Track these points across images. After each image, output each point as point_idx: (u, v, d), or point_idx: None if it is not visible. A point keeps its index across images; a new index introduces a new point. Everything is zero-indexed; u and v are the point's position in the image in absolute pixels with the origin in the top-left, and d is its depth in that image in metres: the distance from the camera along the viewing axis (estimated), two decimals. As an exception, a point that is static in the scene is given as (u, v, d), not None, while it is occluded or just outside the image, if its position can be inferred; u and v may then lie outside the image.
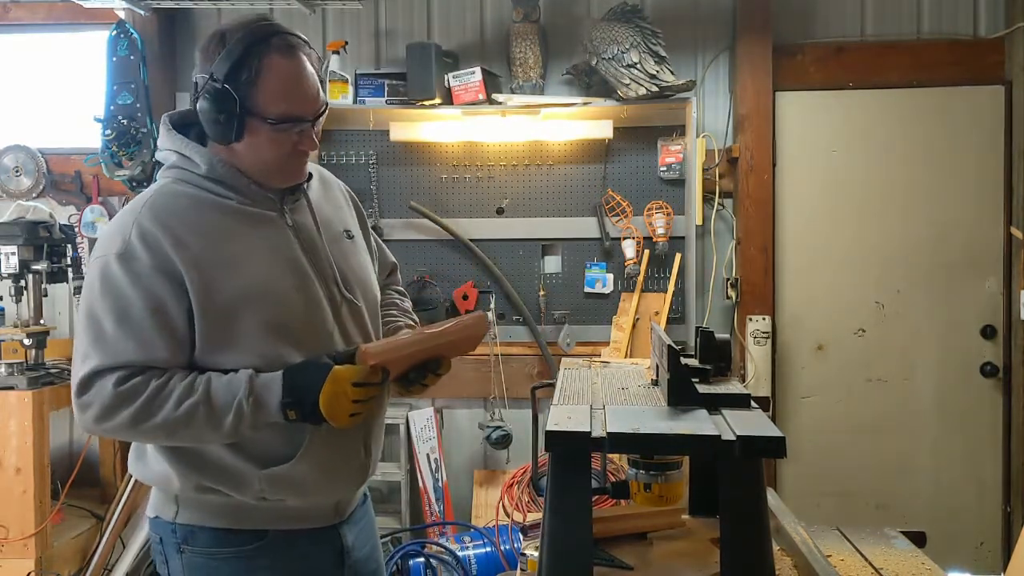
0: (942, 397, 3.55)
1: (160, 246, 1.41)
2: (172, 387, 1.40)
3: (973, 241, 3.52)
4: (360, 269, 1.64)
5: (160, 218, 1.43)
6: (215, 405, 1.40)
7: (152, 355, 1.41)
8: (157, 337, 1.41)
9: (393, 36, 3.68)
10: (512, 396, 3.56)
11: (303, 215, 1.57)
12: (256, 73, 1.43)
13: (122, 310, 1.40)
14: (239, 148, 1.47)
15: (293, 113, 1.46)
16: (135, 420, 1.39)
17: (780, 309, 3.59)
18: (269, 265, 1.48)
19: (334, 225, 1.63)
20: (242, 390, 1.40)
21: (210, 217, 1.47)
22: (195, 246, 1.42)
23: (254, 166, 1.49)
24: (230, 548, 1.49)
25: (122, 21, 3.56)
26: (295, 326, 1.48)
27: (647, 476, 1.40)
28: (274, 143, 1.47)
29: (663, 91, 3.24)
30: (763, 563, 1.21)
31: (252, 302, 1.44)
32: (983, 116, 3.49)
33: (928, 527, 1.98)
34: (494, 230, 3.63)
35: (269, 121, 1.44)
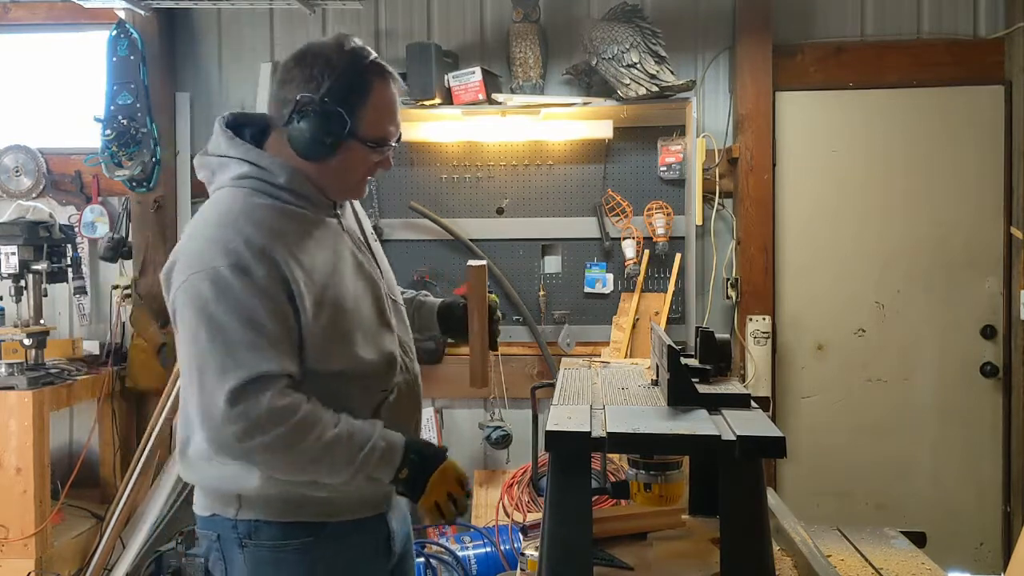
0: (942, 397, 3.55)
1: (272, 257, 1.43)
2: (319, 414, 1.45)
3: (973, 241, 3.52)
4: (388, 267, 1.71)
5: (263, 230, 1.45)
6: (354, 440, 1.46)
7: (285, 365, 1.43)
8: (288, 346, 1.44)
9: (393, 36, 3.68)
10: (512, 396, 3.56)
11: (349, 220, 1.65)
12: (366, 98, 1.50)
13: (251, 320, 1.40)
14: (323, 165, 1.53)
15: (388, 136, 1.55)
16: (283, 443, 1.40)
17: (780, 309, 3.59)
18: (348, 271, 1.55)
19: (366, 227, 1.71)
20: (376, 434, 1.48)
21: (299, 228, 1.51)
22: (298, 256, 1.46)
23: (331, 183, 1.56)
24: (293, 540, 1.52)
25: (122, 21, 3.56)
26: (371, 328, 1.56)
27: (647, 476, 1.40)
28: (364, 164, 1.55)
29: (663, 91, 3.24)
30: (763, 563, 1.21)
31: (351, 310, 1.52)
32: (983, 116, 3.49)
33: (928, 527, 1.98)
34: (494, 230, 3.63)
35: (369, 144, 1.52)
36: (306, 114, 1.46)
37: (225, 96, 3.75)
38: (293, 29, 3.71)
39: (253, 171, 1.51)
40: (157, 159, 3.55)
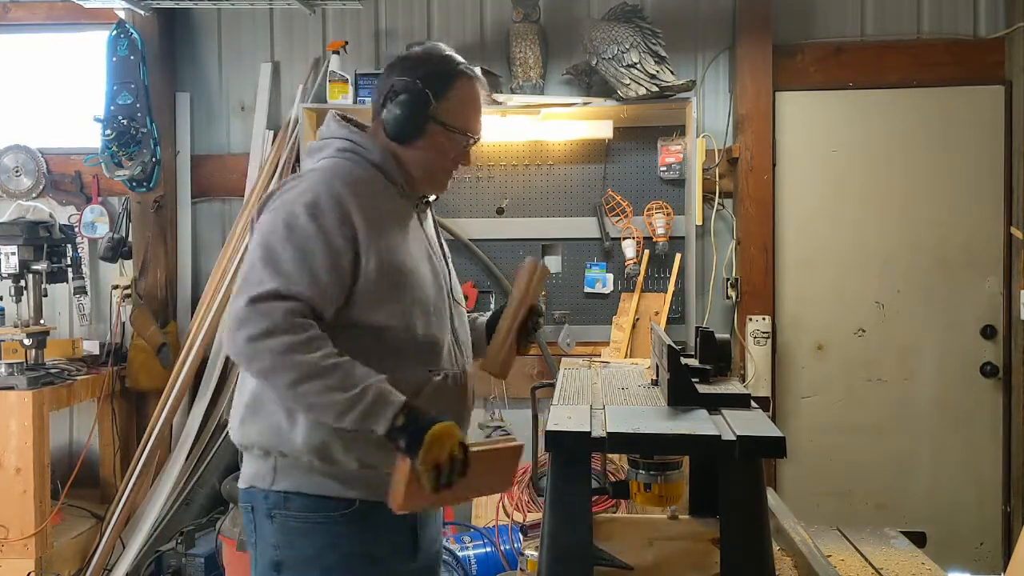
0: (942, 397, 3.55)
1: (345, 207, 1.54)
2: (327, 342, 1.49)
3: (973, 241, 3.52)
4: (456, 282, 1.80)
5: (348, 184, 1.58)
6: (356, 373, 1.47)
7: (323, 300, 1.51)
8: (330, 285, 1.52)
9: (393, 36, 3.68)
10: (512, 396, 3.56)
11: (428, 223, 1.77)
12: (450, 87, 1.65)
13: (304, 252, 1.51)
14: (410, 149, 1.66)
15: (467, 128, 1.69)
16: (290, 349, 1.45)
17: (780, 309, 3.59)
18: (415, 251, 1.65)
19: (440, 239, 1.82)
20: (379, 378, 1.49)
21: (383, 195, 1.64)
22: (373, 214, 1.58)
23: (416, 167, 1.68)
24: (322, 513, 1.57)
25: (122, 21, 3.56)
26: (427, 305, 1.63)
27: (647, 476, 1.41)
28: (443, 151, 1.68)
29: (663, 91, 3.24)
30: (763, 563, 1.21)
31: (409, 275, 1.61)
32: (983, 116, 3.49)
33: (928, 527, 1.98)
34: (494, 230, 3.63)
35: (450, 129, 1.66)
36: (398, 96, 1.63)
37: (225, 96, 3.75)
38: (293, 29, 3.71)
39: (352, 146, 1.66)
40: (157, 159, 3.55)
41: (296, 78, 3.68)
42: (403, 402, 1.47)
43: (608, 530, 1.59)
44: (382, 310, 1.58)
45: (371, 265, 1.56)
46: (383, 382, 1.49)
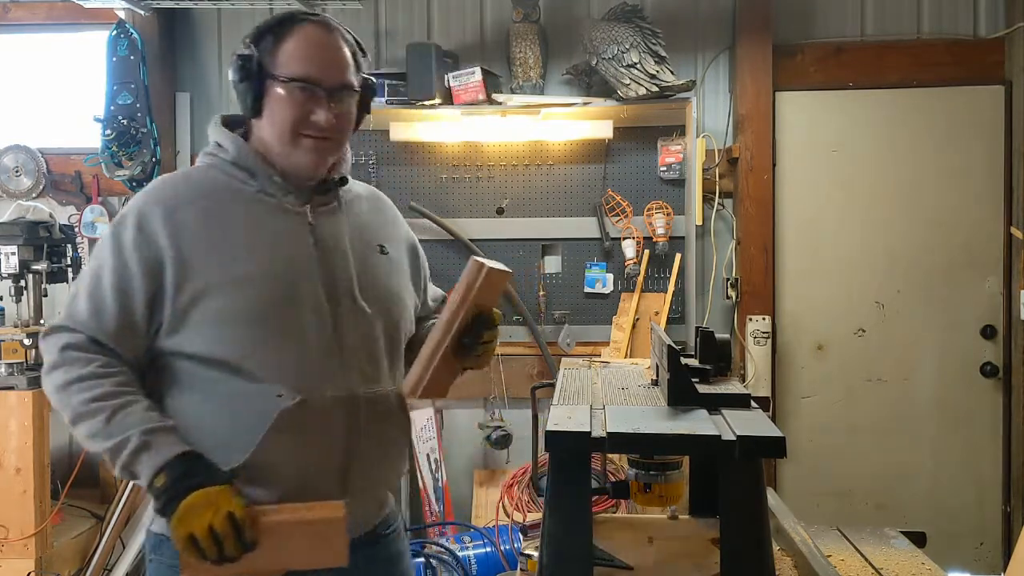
0: (942, 397, 3.55)
1: (149, 225, 1.41)
2: (113, 377, 1.37)
3: (973, 241, 3.52)
4: (387, 284, 1.58)
5: (164, 196, 1.45)
6: (122, 418, 1.34)
7: (108, 330, 1.39)
8: (119, 313, 1.39)
9: (393, 36, 3.68)
10: (512, 396, 3.56)
11: (333, 218, 1.54)
12: (280, 38, 1.45)
13: (96, 278, 1.41)
14: (263, 124, 1.47)
15: (307, 74, 1.44)
16: (62, 386, 1.37)
17: (780, 309, 3.59)
18: (262, 255, 1.44)
19: (367, 236, 1.58)
20: (150, 424, 1.33)
21: (220, 200, 1.46)
22: (191, 226, 1.42)
23: (272, 141, 1.47)
24: None
25: (122, 21, 3.56)
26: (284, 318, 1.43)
27: (647, 476, 1.40)
28: (287, 107, 1.44)
29: (663, 91, 3.24)
30: (763, 563, 1.21)
31: (226, 287, 1.40)
32: (983, 116, 3.49)
33: (928, 527, 1.98)
34: (494, 230, 3.63)
35: (280, 79, 1.43)
36: (234, 69, 1.45)
37: (225, 96, 3.75)
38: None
39: (213, 148, 1.52)
40: (157, 159, 3.55)
41: (296, 78, 3.67)
42: (169, 458, 1.29)
43: (608, 530, 1.59)
44: (208, 329, 1.39)
45: (193, 283, 1.39)
46: (159, 430, 1.32)
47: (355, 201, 1.61)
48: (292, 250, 1.47)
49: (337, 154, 1.53)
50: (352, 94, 1.51)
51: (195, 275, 1.40)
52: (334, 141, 1.49)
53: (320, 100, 1.45)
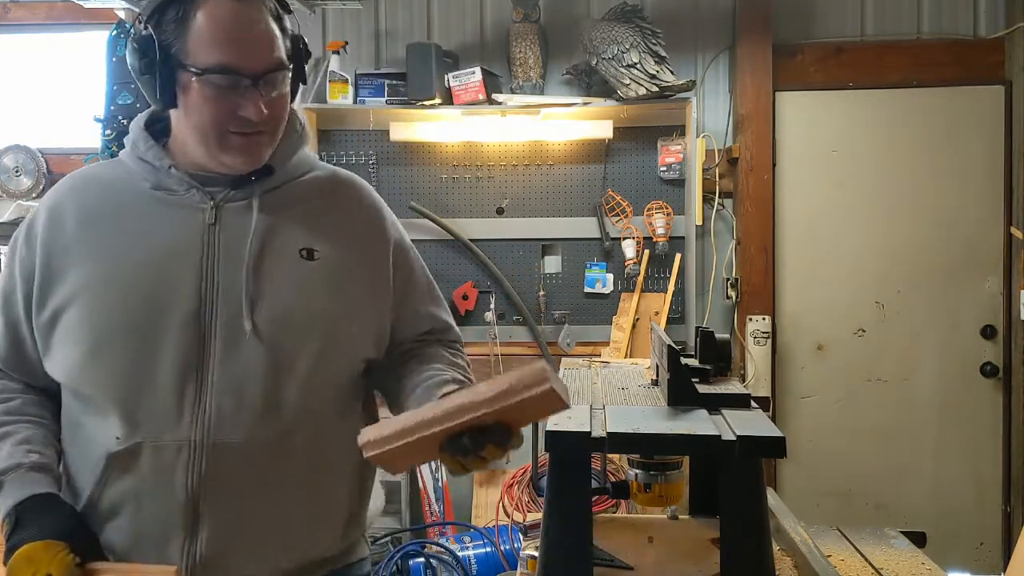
0: (942, 397, 3.55)
1: (34, 230, 1.26)
2: None
3: (973, 241, 3.52)
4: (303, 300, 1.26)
5: (55, 196, 1.29)
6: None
7: None
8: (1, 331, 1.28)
9: (393, 36, 3.68)
10: (512, 396, 3.55)
11: (241, 218, 1.26)
12: (185, 16, 1.17)
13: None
14: (179, 119, 1.24)
15: (226, 62, 1.16)
16: None
17: (780, 309, 3.59)
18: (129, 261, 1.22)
19: (288, 236, 1.28)
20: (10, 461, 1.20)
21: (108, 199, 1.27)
22: (68, 230, 1.24)
23: (194, 140, 1.23)
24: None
25: (122, 21, 3.56)
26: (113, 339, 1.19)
27: (647, 476, 1.40)
28: (207, 103, 1.18)
29: (663, 91, 3.24)
30: (763, 563, 1.21)
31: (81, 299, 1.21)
32: (983, 116, 3.49)
33: (928, 527, 1.97)
34: (494, 230, 3.63)
35: (192, 70, 1.16)
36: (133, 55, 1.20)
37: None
38: (293, 29, 3.70)
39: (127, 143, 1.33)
40: (157, 159, 3.55)
41: (296, 78, 3.67)
42: (12, 504, 1.16)
43: (608, 530, 1.59)
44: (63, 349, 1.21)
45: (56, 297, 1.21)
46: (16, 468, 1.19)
47: (295, 193, 1.33)
48: (169, 256, 1.22)
49: (274, 145, 1.28)
50: (284, 73, 1.24)
51: (58, 287, 1.22)
52: (269, 133, 1.25)
53: (246, 91, 1.19)
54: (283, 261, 1.26)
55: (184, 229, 1.24)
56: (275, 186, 1.31)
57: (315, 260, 1.28)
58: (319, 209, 1.34)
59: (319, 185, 1.37)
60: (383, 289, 1.36)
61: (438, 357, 1.40)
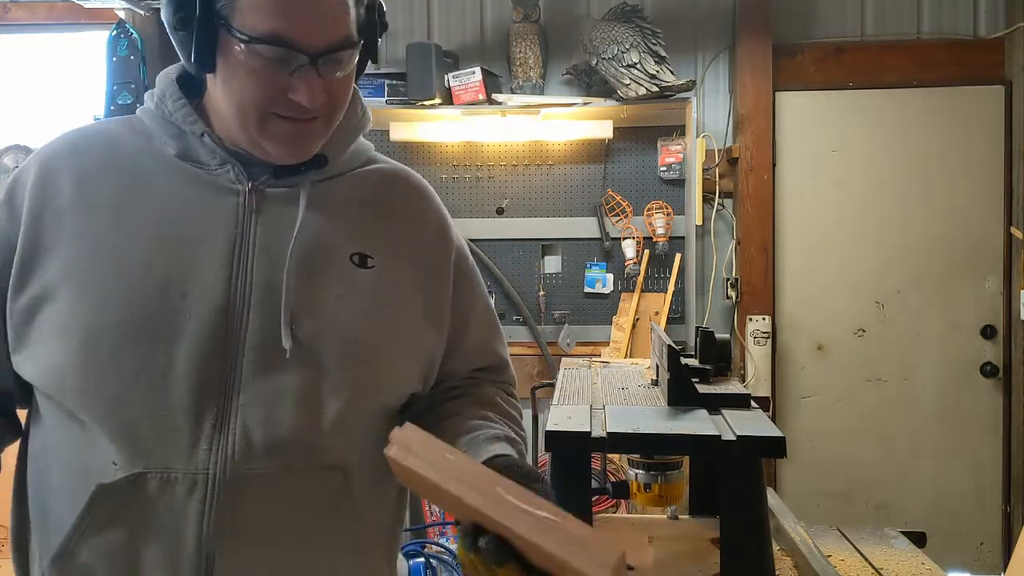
0: (942, 397, 3.55)
1: (18, 192, 1.02)
2: None
3: (973, 241, 3.52)
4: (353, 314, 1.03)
5: (49, 154, 1.04)
6: None
7: None
8: None
9: (393, 36, 3.68)
10: (512, 396, 3.56)
11: (287, 207, 1.04)
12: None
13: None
14: (216, 86, 1.00)
15: (283, 33, 0.93)
16: None
17: (780, 309, 3.59)
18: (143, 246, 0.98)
19: (337, 238, 1.06)
20: None
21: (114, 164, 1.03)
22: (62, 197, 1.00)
23: (231, 120, 1.01)
24: None
25: (122, 21, 3.56)
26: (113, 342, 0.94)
27: (647, 476, 1.40)
28: (251, 78, 0.96)
29: (663, 91, 3.24)
30: (763, 563, 1.21)
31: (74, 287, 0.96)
32: (983, 116, 3.49)
33: (928, 527, 1.98)
34: (494, 230, 3.63)
35: (239, 34, 0.93)
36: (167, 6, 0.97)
37: (225, 96, 3.75)
38: None
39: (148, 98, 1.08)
40: (157, 159, 3.55)
41: (296, 78, 3.67)
42: None
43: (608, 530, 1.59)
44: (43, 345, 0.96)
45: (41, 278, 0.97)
46: None
47: (351, 188, 1.12)
48: (192, 242, 0.99)
49: (328, 134, 1.06)
50: (352, 51, 1.02)
51: (44, 266, 0.97)
52: (324, 121, 1.03)
53: (302, 69, 0.96)
54: (331, 267, 1.05)
55: (214, 211, 1.01)
56: (328, 177, 1.10)
57: (368, 268, 1.06)
58: (377, 210, 1.13)
59: (379, 182, 1.17)
60: (440, 313, 1.13)
61: (491, 403, 1.17)
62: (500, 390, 1.23)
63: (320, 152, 1.07)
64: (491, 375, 1.24)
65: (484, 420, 1.11)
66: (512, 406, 1.21)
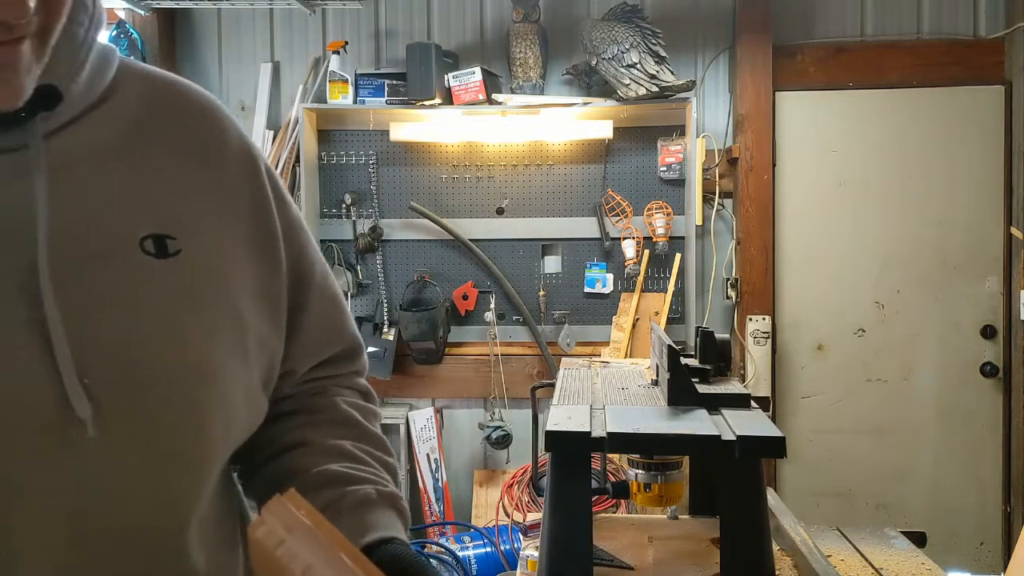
0: (942, 397, 3.55)
1: None
2: None
3: (973, 241, 3.52)
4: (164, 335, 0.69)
5: None
6: None
7: None
8: None
9: (393, 36, 3.68)
10: (512, 396, 3.56)
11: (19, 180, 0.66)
12: None
13: None
14: None
15: None
16: None
17: (780, 309, 3.59)
18: None
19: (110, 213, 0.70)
20: None
21: None
22: None
23: None
24: None
25: (122, 21, 3.56)
26: None
27: (647, 476, 1.40)
28: None
29: (663, 91, 3.24)
30: (763, 563, 1.21)
31: None
32: (983, 116, 3.50)
33: (928, 527, 1.98)
34: (494, 230, 3.63)
35: None
36: None
37: (225, 96, 3.75)
38: (293, 29, 3.71)
39: None
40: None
41: (296, 78, 3.68)
42: None
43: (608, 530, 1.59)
44: None
45: None
46: None
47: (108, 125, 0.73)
48: None
49: (43, 61, 0.66)
50: None
51: None
52: (36, 39, 0.64)
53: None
54: (114, 262, 0.68)
55: None
56: (68, 121, 0.71)
57: (171, 256, 0.71)
58: (157, 158, 0.75)
59: (146, 111, 0.77)
60: (275, 295, 0.80)
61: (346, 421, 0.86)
62: (354, 392, 0.91)
63: (45, 83, 0.67)
64: (336, 367, 0.90)
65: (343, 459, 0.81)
66: (372, 417, 0.89)
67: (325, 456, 0.80)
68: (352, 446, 0.83)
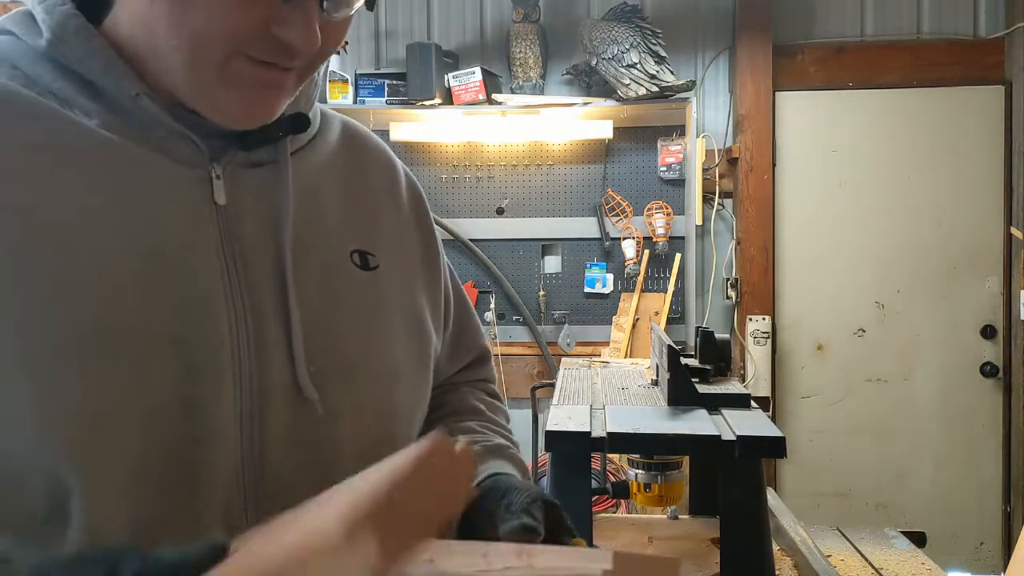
0: (942, 397, 3.55)
1: None
2: None
3: (973, 241, 3.52)
4: (370, 337, 0.77)
5: None
6: None
7: None
8: None
9: (393, 36, 3.68)
10: (512, 396, 3.56)
11: (267, 193, 0.74)
12: None
13: None
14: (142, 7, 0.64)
15: None
16: None
17: (780, 309, 3.59)
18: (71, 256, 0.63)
19: (331, 231, 0.78)
20: None
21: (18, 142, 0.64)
22: None
23: (173, 54, 0.64)
24: None
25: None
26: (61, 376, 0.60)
27: (647, 476, 1.40)
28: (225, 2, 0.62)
29: (663, 91, 3.24)
30: (763, 563, 1.21)
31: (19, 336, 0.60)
32: (983, 116, 3.49)
33: (928, 527, 1.98)
34: (494, 230, 3.63)
35: None
36: None
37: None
38: (293, 29, 3.70)
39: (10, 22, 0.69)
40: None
41: (296, 78, 3.67)
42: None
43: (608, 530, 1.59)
44: None
45: None
46: None
47: (323, 153, 0.82)
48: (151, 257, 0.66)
49: (293, 96, 0.73)
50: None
51: None
52: (298, 74, 0.70)
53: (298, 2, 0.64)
54: (335, 270, 0.77)
55: (169, 208, 0.68)
56: (303, 145, 0.80)
57: (371, 270, 0.79)
58: (358, 187, 0.84)
59: (342, 145, 0.85)
60: (441, 310, 0.91)
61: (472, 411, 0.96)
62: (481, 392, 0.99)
63: (295, 111, 0.76)
64: (469, 373, 1.00)
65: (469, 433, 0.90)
66: (498, 410, 0.99)
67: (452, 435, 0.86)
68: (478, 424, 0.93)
